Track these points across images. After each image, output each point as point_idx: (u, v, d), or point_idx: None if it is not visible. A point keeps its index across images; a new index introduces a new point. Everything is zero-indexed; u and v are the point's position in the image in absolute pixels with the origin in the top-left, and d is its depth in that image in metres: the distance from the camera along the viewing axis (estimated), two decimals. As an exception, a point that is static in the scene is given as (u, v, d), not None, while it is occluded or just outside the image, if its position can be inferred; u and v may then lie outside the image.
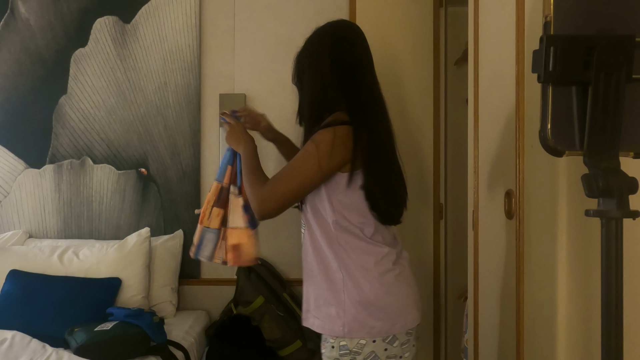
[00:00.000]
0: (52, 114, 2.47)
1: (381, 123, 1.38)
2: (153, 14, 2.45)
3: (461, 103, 2.43)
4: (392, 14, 2.36)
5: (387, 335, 1.30)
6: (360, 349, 1.29)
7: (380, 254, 1.33)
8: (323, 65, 1.37)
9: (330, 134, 1.27)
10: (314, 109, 1.38)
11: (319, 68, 1.38)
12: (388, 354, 1.30)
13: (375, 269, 1.31)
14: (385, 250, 1.34)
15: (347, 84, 1.37)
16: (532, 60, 0.99)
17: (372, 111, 1.37)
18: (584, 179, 0.95)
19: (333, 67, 1.36)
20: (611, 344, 0.94)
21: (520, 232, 1.39)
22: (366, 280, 1.30)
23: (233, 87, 2.44)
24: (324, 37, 1.41)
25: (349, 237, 1.32)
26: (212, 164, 2.44)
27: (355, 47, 1.42)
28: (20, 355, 1.71)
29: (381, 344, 1.29)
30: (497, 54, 1.58)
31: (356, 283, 1.30)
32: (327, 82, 1.36)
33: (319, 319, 1.34)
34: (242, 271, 2.19)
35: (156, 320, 1.86)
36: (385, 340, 1.29)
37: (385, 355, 1.29)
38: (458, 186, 2.47)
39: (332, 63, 1.37)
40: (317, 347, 2.08)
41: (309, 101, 1.40)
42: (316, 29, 1.45)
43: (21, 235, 2.41)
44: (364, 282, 1.30)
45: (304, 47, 1.45)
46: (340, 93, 1.36)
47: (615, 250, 0.93)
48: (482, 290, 1.73)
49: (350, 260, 1.32)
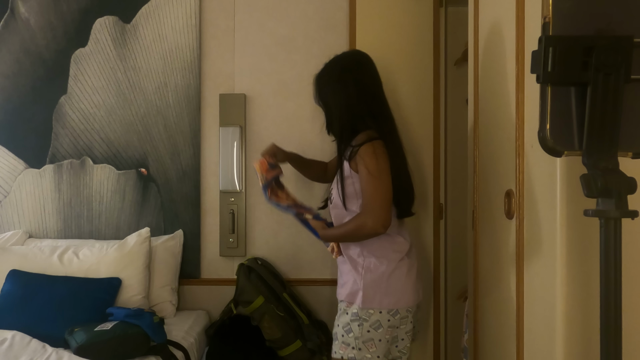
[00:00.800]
0: (52, 114, 2.47)
1: (397, 136, 1.70)
2: (153, 13, 2.45)
3: (461, 103, 2.43)
4: (392, 13, 2.36)
5: (391, 309, 1.61)
6: (368, 317, 1.61)
7: (396, 243, 1.66)
8: (349, 90, 1.64)
9: (371, 147, 1.57)
10: (345, 128, 1.65)
11: (346, 92, 1.65)
12: (390, 324, 1.62)
13: (392, 254, 1.64)
14: (400, 240, 1.67)
15: (371, 106, 1.67)
16: (531, 60, 0.99)
17: (392, 127, 1.69)
18: (583, 179, 0.95)
19: (359, 92, 1.65)
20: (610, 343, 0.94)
21: (520, 232, 1.39)
22: (382, 263, 1.63)
23: (233, 87, 2.44)
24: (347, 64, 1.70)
25: None
26: (212, 163, 2.44)
27: (373, 73, 1.72)
28: (20, 355, 1.71)
29: (385, 315, 1.61)
30: (497, 54, 1.58)
31: (374, 265, 1.63)
32: (353, 104, 1.64)
33: (344, 289, 1.67)
34: (242, 271, 2.19)
35: (156, 320, 1.86)
36: (389, 313, 1.61)
37: (388, 325, 1.62)
38: (458, 186, 2.47)
39: (357, 88, 1.65)
40: (317, 347, 2.09)
41: (338, 121, 1.67)
42: (335, 56, 1.74)
43: (21, 235, 2.42)
44: (380, 264, 1.63)
45: (327, 72, 1.72)
46: (365, 114, 1.65)
47: (614, 250, 0.94)
48: (482, 290, 1.73)
49: (373, 245, 1.64)
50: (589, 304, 1.14)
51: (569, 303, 1.16)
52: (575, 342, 1.16)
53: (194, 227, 2.44)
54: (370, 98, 1.67)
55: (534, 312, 1.32)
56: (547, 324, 1.22)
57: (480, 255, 1.75)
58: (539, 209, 1.28)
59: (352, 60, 1.72)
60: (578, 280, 1.15)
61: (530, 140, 1.33)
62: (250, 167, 2.42)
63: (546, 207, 1.23)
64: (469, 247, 1.89)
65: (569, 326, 1.16)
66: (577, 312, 1.16)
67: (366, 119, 1.65)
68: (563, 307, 1.16)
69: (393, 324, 1.62)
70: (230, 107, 2.42)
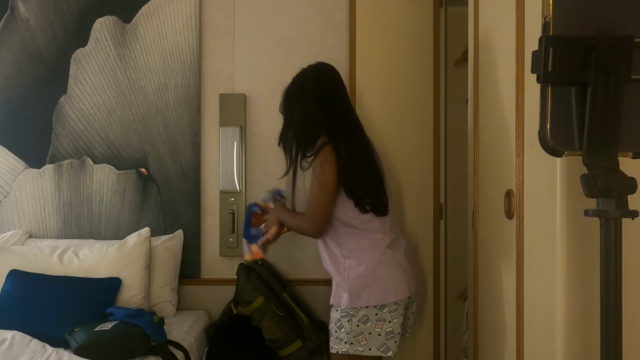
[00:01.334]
0: (52, 114, 2.47)
1: (358, 138, 1.78)
2: (153, 14, 2.45)
3: (461, 103, 2.43)
4: (392, 13, 2.36)
5: (380, 303, 1.67)
6: (356, 312, 1.68)
7: (375, 239, 1.73)
8: (307, 101, 1.77)
9: (320, 158, 1.69)
10: (301, 136, 1.77)
11: (305, 104, 1.77)
12: (378, 317, 1.68)
13: (370, 250, 1.71)
14: (379, 236, 1.73)
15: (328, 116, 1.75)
16: (532, 60, 0.99)
17: (349, 130, 1.76)
18: (583, 179, 0.95)
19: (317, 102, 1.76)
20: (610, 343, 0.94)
21: (520, 232, 1.39)
22: (362, 259, 1.70)
23: (233, 87, 2.44)
24: (308, 76, 1.82)
25: (348, 228, 1.73)
26: (212, 163, 2.44)
27: (333, 82, 1.83)
28: (20, 355, 1.71)
29: (373, 309, 1.68)
30: (497, 54, 1.58)
31: (355, 263, 1.71)
32: (311, 115, 1.76)
33: (332, 295, 1.76)
34: (242, 271, 2.19)
35: (156, 320, 1.86)
36: (376, 307, 1.68)
37: (376, 319, 1.68)
38: (458, 186, 2.47)
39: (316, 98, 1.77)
40: (317, 347, 2.09)
41: (297, 133, 1.78)
42: (302, 70, 1.85)
43: (21, 235, 2.42)
44: (360, 261, 1.70)
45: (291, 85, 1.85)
46: (322, 123, 1.74)
47: (615, 250, 0.94)
48: (482, 290, 1.73)
49: (350, 245, 1.73)
50: (589, 304, 1.14)
51: (569, 303, 1.16)
52: (575, 342, 1.16)
53: (194, 227, 2.44)
54: (330, 106, 1.77)
55: (534, 312, 1.32)
56: (547, 324, 1.22)
57: (480, 255, 1.75)
58: (539, 209, 1.28)
59: (312, 73, 1.84)
60: (578, 280, 1.15)
61: (530, 140, 1.33)
62: (250, 167, 2.43)
63: (546, 207, 1.23)
64: (469, 247, 1.89)
65: (569, 326, 1.16)
66: (577, 312, 1.16)
67: (321, 129, 1.75)
68: (563, 307, 1.16)
69: (382, 318, 1.68)
70: (230, 107, 2.42)
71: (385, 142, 2.19)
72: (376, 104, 2.35)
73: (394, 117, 2.35)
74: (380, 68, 2.37)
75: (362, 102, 2.34)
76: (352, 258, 1.71)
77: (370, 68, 2.36)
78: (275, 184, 2.40)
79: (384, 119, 2.33)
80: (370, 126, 2.07)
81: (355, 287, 1.68)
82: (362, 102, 2.34)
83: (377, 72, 2.36)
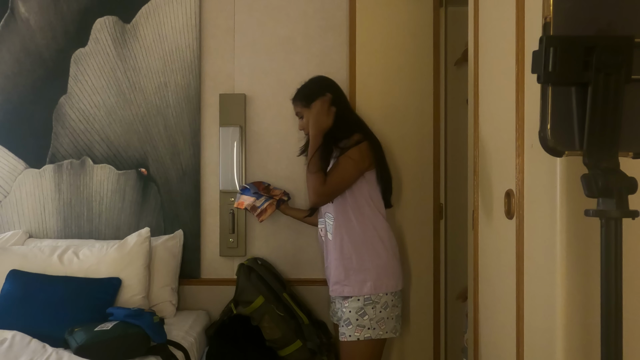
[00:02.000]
0: (52, 114, 2.47)
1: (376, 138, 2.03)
2: (153, 14, 2.45)
3: (461, 103, 2.43)
4: (391, 13, 2.36)
5: (394, 290, 1.92)
6: (379, 299, 1.89)
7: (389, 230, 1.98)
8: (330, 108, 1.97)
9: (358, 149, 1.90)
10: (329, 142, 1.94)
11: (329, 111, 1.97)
12: (393, 303, 1.92)
13: (388, 241, 1.94)
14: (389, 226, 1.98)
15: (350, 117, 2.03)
16: (532, 60, 0.99)
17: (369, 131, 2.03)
18: (584, 179, 0.95)
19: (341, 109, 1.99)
20: (611, 343, 0.94)
21: (520, 232, 1.39)
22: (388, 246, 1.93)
23: (233, 87, 2.44)
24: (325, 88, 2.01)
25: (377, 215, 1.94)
26: (212, 163, 2.44)
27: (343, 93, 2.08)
28: (20, 355, 1.71)
29: (390, 296, 1.91)
30: (497, 54, 1.58)
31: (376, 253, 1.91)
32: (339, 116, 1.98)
33: (349, 286, 1.91)
34: (242, 271, 2.19)
35: (156, 320, 1.86)
36: (391, 293, 1.92)
37: (392, 304, 1.92)
38: (458, 186, 2.47)
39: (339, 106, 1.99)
40: (317, 347, 2.09)
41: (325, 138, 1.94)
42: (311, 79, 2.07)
43: (21, 235, 2.42)
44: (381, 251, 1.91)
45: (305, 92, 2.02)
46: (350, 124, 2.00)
47: (615, 250, 0.94)
48: (482, 290, 1.73)
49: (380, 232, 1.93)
50: (589, 304, 1.14)
51: (569, 303, 1.16)
52: (575, 342, 1.16)
53: (194, 227, 2.44)
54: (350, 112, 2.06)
55: (534, 312, 1.32)
56: (547, 324, 1.22)
57: (480, 255, 1.75)
58: (539, 209, 1.28)
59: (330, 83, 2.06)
60: (578, 280, 1.15)
61: (530, 140, 1.32)
62: (250, 167, 2.43)
63: (546, 207, 1.23)
64: (469, 247, 1.89)
65: (569, 326, 1.16)
66: (577, 312, 1.16)
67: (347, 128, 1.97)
68: (563, 307, 1.16)
69: (395, 303, 1.93)
70: (230, 107, 2.42)
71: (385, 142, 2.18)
72: (376, 103, 2.35)
73: (394, 117, 2.35)
74: (380, 68, 2.37)
75: (362, 102, 2.34)
76: (374, 250, 1.90)
77: (370, 68, 2.36)
78: (276, 184, 2.40)
79: (384, 118, 2.33)
80: (370, 126, 2.07)
81: (378, 276, 1.88)
82: (362, 102, 2.34)
83: (377, 72, 2.36)
